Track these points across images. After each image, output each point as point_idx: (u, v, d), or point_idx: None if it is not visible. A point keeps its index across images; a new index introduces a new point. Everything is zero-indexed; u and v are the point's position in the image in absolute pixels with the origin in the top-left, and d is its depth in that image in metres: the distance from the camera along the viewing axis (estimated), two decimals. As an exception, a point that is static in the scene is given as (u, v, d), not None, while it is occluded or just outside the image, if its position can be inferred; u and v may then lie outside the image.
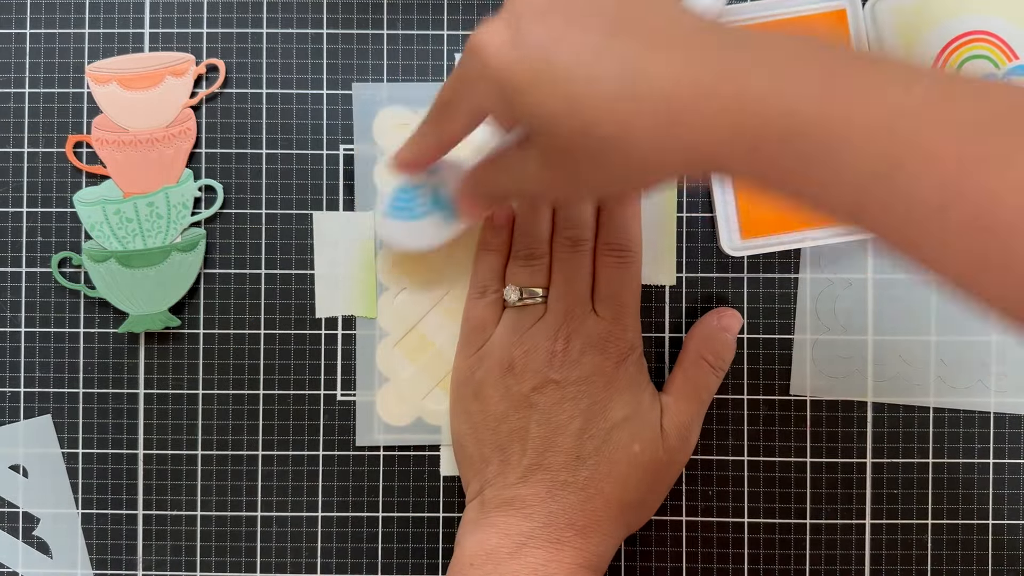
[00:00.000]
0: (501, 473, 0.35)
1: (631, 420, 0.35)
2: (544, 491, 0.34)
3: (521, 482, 0.35)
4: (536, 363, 0.35)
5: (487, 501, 0.35)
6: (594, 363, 0.35)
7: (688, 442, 0.37)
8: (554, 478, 0.34)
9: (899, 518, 0.39)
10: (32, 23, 0.40)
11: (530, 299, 0.36)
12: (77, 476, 0.40)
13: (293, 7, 0.40)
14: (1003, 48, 0.38)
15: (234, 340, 0.40)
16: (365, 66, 0.40)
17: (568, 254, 0.37)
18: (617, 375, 0.35)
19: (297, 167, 0.40)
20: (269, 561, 0.40)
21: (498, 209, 0.38)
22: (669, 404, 0.37)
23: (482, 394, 0.36)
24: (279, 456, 0.40)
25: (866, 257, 0.40)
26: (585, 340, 0.35)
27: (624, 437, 0.35)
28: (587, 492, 0.34)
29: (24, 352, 0.40)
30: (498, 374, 0.36)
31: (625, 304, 0.36)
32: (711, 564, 0.40)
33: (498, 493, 0.35)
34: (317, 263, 0.40)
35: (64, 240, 0.40)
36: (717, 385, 0.38)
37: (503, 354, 0.36)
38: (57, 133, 0.40)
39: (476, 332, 0.37)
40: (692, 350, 0.38)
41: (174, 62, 0.40)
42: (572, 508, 0.34)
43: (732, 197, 0.39)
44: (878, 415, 0.40)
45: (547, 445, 0.35)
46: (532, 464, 0.35)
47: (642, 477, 0.35)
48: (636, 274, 0.37)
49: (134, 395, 0.40)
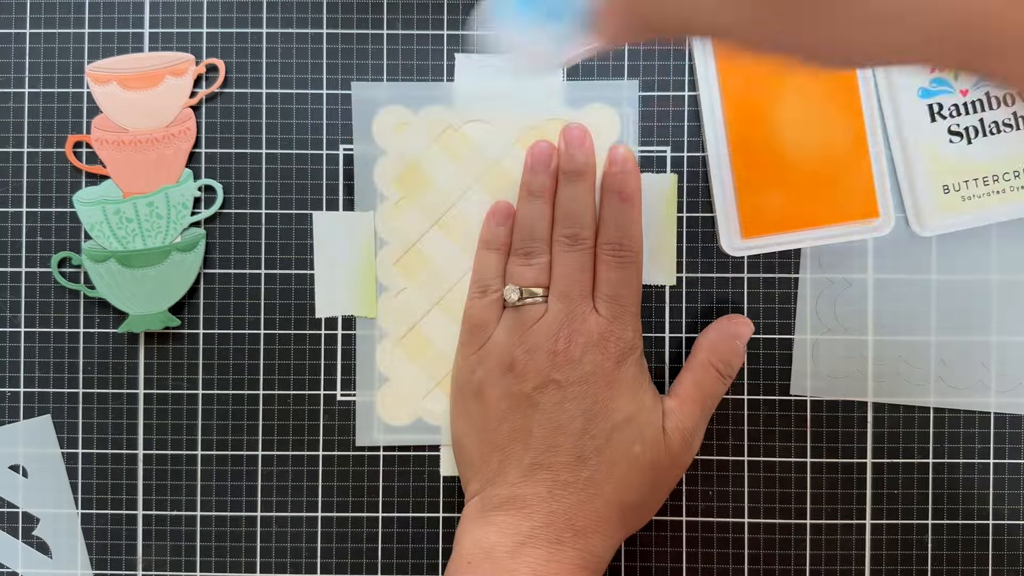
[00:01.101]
0: (501, 472, 0.35)
1: (632, 421, 0.35)
2: (545, 491, 0.34)
3: (522, 481, 0.35)
4: (537, 363, 0.35)
5: (487, 500, 0.35)
6: (595, 362, 0.35)
7: (691, 446, 0.37)
8: (555, 478, 0.34)
9: (899, 518, 0.39)
10: (32, 23, 0.40)
11: (530, 299, 0.36)
12: (77, 476, 0.40)
13: (293, 7, 0.40)
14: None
15: (234, 340, 0.40)
16: (365, 66, 0.40)
17: (568, 252, 0.37)
18: (618, 375, 0.35)
19: (297, 167, 0.40)
20: (269, 561, 0.40)
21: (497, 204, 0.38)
22: (674, 407, 0.37)
23: (483, 394, 0.36)
24: (279, 456, 0.40)
25: (866, 257, 0.40)
26: (586, 339, 0.35)
27: (625, 438, 0.35)
28: (587, 492, 0.34)
29: (24, 352, 0.40)
30: (499, 374, 0.36)
31: (626, 304, 0.36)
32: (711, 564, 0.40)
33: (498, 492, 0.35)
34: (317, 263, 0.40)
35: (64, 240, 0.40)
36: (724, 392, 0.38)
37: (504, 354, 0.36)
38: (57, 133, 0.40)
39: (477, 332, 0.37)
40: (702, 355, 0.38)
41: (174, 62, 0.40)
42: (572, 508, 0.34)
43: (733, 196, 0.39)
44: (878, 415, 0.40)
45: (548, 445, 0.35)
46: (533, 464, 0.35)
47: (642, 479, 0.35)
48: (637, 273, 0.37)
49: (134, 395, 0.40)
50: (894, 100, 0.39)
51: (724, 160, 0.39)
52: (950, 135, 0.39)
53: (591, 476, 0.34)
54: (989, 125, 0.39)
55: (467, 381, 0.37)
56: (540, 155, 0.38)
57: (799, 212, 0.38)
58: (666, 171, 0.40)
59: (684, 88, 0.40)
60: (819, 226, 0.38)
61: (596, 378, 0.35)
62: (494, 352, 0.36)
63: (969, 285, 0.39)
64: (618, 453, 0.35)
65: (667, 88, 0.40)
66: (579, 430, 0.35)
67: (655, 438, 0.35)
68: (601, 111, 0.40)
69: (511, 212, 0.38)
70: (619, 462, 0.35)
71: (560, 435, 0.35)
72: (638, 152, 0.40)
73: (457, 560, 0.34)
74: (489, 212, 0.39)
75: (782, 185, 0.38)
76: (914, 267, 0.39)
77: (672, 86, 0.40)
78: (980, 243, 0.39)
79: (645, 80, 0.40)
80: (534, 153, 0.38)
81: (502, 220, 0.38)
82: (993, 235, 0.39)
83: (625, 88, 0.40)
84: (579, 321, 0.36)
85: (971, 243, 0.39)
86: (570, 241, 0.37)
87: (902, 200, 0.39)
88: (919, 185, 0.39)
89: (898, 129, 0.39)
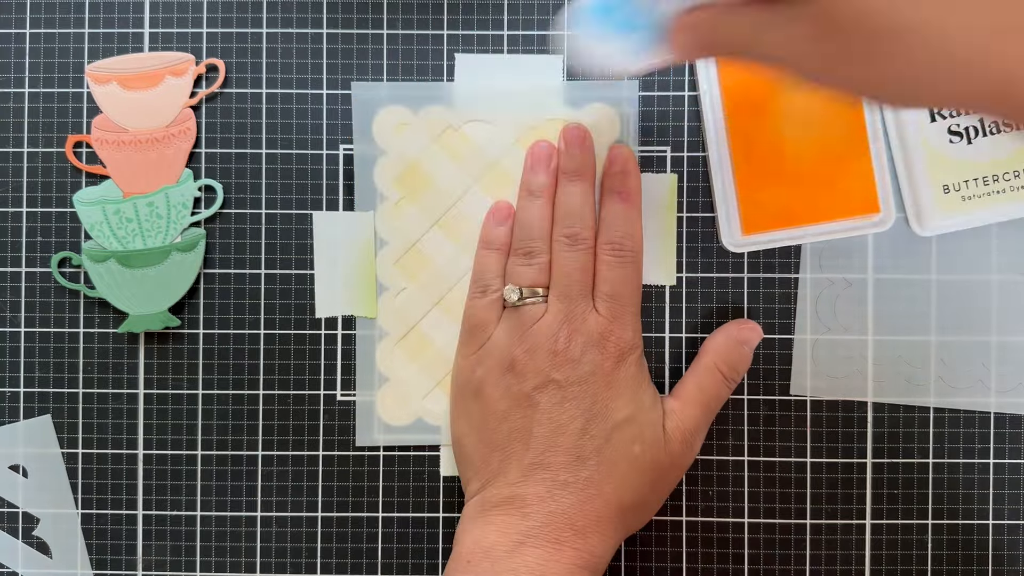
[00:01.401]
0: (502, 472, 0.35)
1: (632, 421, 0.35)
2: (544, 491, 0.34)
3: (522, 481, 0.35)
4: (538, 363, 0.35)
5: (487, 499, 0.35)
6: (595, 362, 0.35)
7: (692, 448, 0.37)
8: (555, 478, 0.34)
9: (899, 518, 0.39)
10: (32, 23, 0.40)
11: (531, 299, 0.36)
12: (77, 476, 0.40)
13: (293, 7, 0.40)
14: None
15: (234, 340, 0.40)
16: (365, 66, 0.40)
17: (568, 251, 0.37)
18: (618, 374, 0.35)
19: (297, 167, 0.40)
20: (269, 561, 0.40)
21: (497, 204, 0.38)
22: (676, 409, 0.37)
23: (483, 393, 0.36)
24: (279, 456, 0.40)
25: (866, 257, 0.40)
26: (586, 339, 0.35)
27: (625, 438, 0.35)
28: (587, 493, 0.34)
29: (24, 352, 0.40)
30: (499, 373, 0.36)
31: (625, 303, 0.36)
32: (711, 564, 0.40)
33: (498, 491, 0.35)
34: (317, 263, 0.40)
35: (64, 240, 0.40)
36: (727, 396, 0.38)
37: (504, 353, 0.36)
38: (57, 133, 0.40)
39: (477, 331, 0.37)
40: (707, 358, 0.38)
41: (174, 62, 0.40)
42: (572, 508, 0.34)
43: (733, 192, 0.39)
44: (878, 415, 0.40)
45: (548, 444, 0.35)
46: (533, 463, 0.35)
47: (642, 479, 0.35)
48: (636, 273, 0.37)
49: (134, 395, 0.40)
50: (894, 100, 0.39)
51: (725, 157, 0.39)
52: (950, 135, 0.39)
53: (591, 476, 0.34)
54: (989, 125, 0.39)
55: (467, 381, 0.37)
56: (540, 155, 0.38)
57: (800, 208, 0.39)
58: (666, 171, 0.40)
59: (684, 88, 0.40)
60: (820, 222, 0.38)
61: (595, 378, 0.35)
62: (494, 352, 0.36)
63: (969, 285, 0.39)
64: (618, 453, 0.35)
65: (667, 88, 0.40)
66: (579, 430, 0.35)
67: (655, 438, 0.35)
68: (601, 111, 0.40)
69: (511, 212, 0.38)
70: (619, 462, 0.35)
71: (560, 435, 0.35)
72: (638, 152, 0.40)
73: (457, 559, 0.34)
74: (489, 212, 0.39)
75: (783, 182, 0.38)
76: (914, 267, 0.39)
77: (672, 86, 0.40)
78: (980, 243, 0.39)
79: (645, 80, 0.40)
80: (534, 153, 0.38)
81: (502, 220, 0.38)
82: (993, 235, 0.39)
83: (625, 88, 0.40)
84: (579, 320, 0.36)
85: (971, 243, 0.39)
86: (570, 241, 0.37)
87: (902, 200, 0.39)
88: (919, 185, 0.39)
89: (898, 128, 0.39)
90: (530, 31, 0.40)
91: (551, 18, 0.40)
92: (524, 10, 0.40)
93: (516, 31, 0.40)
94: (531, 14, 0.40)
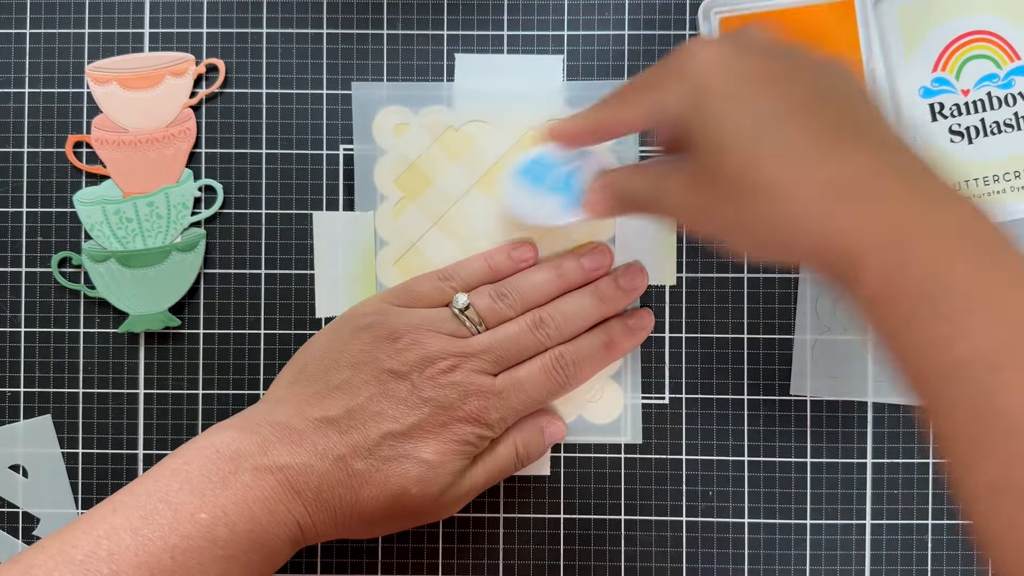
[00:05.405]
0: (307, 402, 0.34)
1: (431, 468, 0.34)
2: (324, 448, 0.34)
3: (314, 425, 0.34)
4: (413, 357, 0.35)
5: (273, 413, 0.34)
6: (446, 403, 0.35)
7: (458, 507, 0.36)
8: (339, 444, 0.34)
9: (899, 518, 0.39)
10: (32, 23, 0.40)
11: (468, 322, 0.36)
12: (77, 476, 0.40)
13: (293, 7, 0.40)
14: (1005, 48, 0.38)
15: (234, 340, 0.40)
16: (365, 66, 0.40)
17: (527, 332, 0.36)
18: (453, 428, 0.35)
19: (297, 167, 0.40)
20: (269, 561, 0.40)
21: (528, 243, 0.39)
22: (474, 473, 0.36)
23: (358, 335, 0.36)
24: (279, 456, 0.40)
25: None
26: (466, 383, 0.35)
27: (412, 474, 0.34)
28: (341, 476, 0.34)
29: (24, 352, 0.40)
30: (385, 333, 0.35)
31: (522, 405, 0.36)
32: (711, 564, 0.40)
33: (290, 415, 0.34)
34: (317, 263, 0.40)
35: (64, 240, 0.40)
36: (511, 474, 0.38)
37: (406, 326, 0.35)
38: (57, 133, 0.40)
39: (410, 296, 0.37)
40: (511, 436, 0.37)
41: (174, 62, 0.40)
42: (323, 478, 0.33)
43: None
44: (878, 415, 0.40)
45: (361, 420, 0.34)
46: (334, 419, 0.34)
47: (394, 509, 0.34)
48: (557, 392, 0.37)
49: (134, 395, 0.40)
50: (895, 99, 0.39)
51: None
52: (951, 135, 0.39)
53: (360, 470, 0.34)
54: (990, 125, 0.39)
55: (362, 314, 0.36)
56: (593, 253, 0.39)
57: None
58: (666, 171, 0.40)
59: (684, 88, 0.40)
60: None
61: (435, 413, 0.35)
62: (402, 318, 0.36)
63: (969, 285, 0.39)
64: (397, 478, 0.34)
65: (667, 88, 0.40)
66: (390, 433, 0.34)
67: (437, 492, 0.35)
68: (601, 111, 0.40)
69: (532, 257, 0.39)
70: (391, 486, 0.34)
71: (375, 422, 0.34)
72: (638, 152, 0.40)
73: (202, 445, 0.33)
74: (514, 244, 0.39)
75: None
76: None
77: (672, 86, 0.40)
78: (980, 243, 0.39)
79: (645, 80, 0.40)
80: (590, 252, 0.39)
81: (517, 260, 0.38)
82: (993, 235, 0.39)
83: (625, 88, 0.40)
84: (475, 371, 0.35)
85: (971, 243, 0.39)
86: (535, 327, 0.37)
87: (902, 200, 0.39)
88: (919, 185, 0.39)
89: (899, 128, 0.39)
90: (530, 31, 0.40)
91: (551, 18, 0.40)
92: (524, 10, 0.40)
93: (516, 31, 0.40)
94: (531, 14, 0.40)
